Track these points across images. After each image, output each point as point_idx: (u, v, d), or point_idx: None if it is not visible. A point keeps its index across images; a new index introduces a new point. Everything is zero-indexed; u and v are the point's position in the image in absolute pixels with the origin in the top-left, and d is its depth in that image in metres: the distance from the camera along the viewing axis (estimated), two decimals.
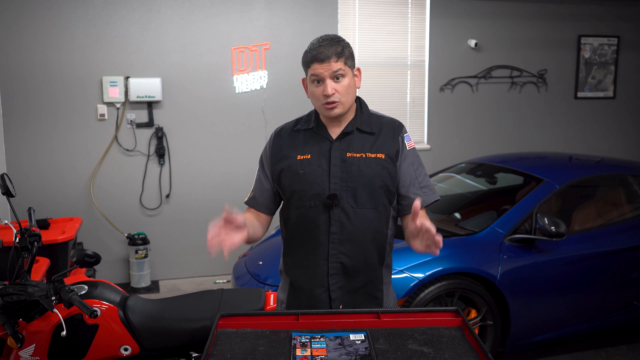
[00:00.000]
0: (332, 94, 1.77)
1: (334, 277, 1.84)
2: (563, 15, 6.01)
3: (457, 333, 1.62)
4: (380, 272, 1.89)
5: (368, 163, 1.82)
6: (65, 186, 4.83)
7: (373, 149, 1.84)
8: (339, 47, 1.79)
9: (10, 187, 2.15)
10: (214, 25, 4.99)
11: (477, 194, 4.36)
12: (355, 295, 1.86)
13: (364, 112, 1.90)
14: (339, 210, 1.81)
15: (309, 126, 1.90)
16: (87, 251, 2.04)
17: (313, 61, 1.78)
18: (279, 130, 1.97)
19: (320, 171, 1.83)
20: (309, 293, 1.87)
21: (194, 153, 5.08)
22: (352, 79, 1.83)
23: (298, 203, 1.85)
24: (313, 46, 1.80)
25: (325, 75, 1.77)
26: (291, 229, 1.90)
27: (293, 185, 1.86)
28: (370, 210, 1.83)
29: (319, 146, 1.86)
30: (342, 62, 1.78)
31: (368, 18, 5.48)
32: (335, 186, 1.82)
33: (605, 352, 3.73)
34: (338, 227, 1.82)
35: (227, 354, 1.50)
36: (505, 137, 6.03)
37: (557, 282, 3.41)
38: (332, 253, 1.83)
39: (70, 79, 4.73)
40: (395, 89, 5.69)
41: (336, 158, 1.83)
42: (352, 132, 1.86)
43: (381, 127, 1.89)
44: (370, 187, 1.82)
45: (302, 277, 1.88)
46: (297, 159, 1.86)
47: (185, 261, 5.18)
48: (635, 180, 3.92)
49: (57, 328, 2.09)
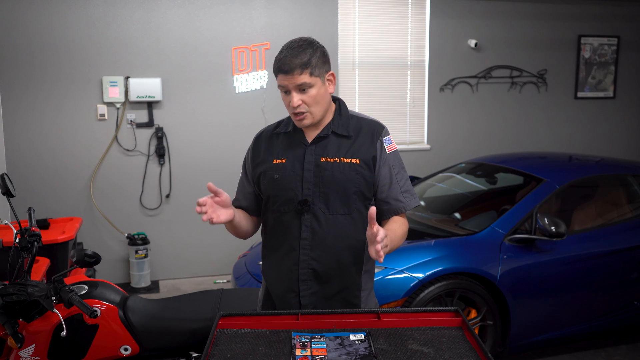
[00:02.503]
0: (297, 105, 1.73)
1: (305, 283, 1.81)
2: (563, 15, 6.01)
3: (457, 333, 1.62)
4: (358, 278, 1.84)
5: (342, 168, 1.78)
6: (65, 186, 4.83)
7: (348, 153, 1.80)
8: (304, 57, 1.71)
9: (10, 187, 2.15)
10: (214, 25, 4.99)
11: (477, 194, 4.35)
12: (331, 302, 1.83)
13: (342, 114, 1.85)
14: (310, 216, 1.79)
15: (287, 130, 1.87)
16: (87, 251, 2.04)
17: (278, 71, 1.73)
18: (259, 133, 1.95)
19: (294, 176, 1.80)
20: (281, 298, 1.85)
21: (194, 153, 5.08)
22: (321, 87, 1.76)
23: (273, 207, 1.84)
24: (280, 54, 1.74)
25: (291, 87, 1.73)
26: (268, 233, 1.89)
27: (268, 190, 1.84)
28: (343, 217, 1.79)
29: (294, 150, 1.83)
30: (307, 74, 1.71)
31: (368, 18, 5.48)
32: (308, 191, 1.79)
33: (605, 352, 3.73)
34: (309, 233, 1.79)
35: (227, 354, 1.49)
36: (505, 137, 6.03)
37: (557, 282, 3.41)
38: (303, 259, 1.80)
39: (70, 79, 4.73)
40: (395, 89, 5.69)
41: (310, 163, 1.80)
42: (328, 136, 1.81)
43: (360, 130, 1.83)
44: (344, 192, 1.78)
45: (275, 281, 1.87)
46: (273, 163, 1.84)
47: (185, 261, 5.18)
48: (635, 180, 3.92)
49: (57, 328, 2.09)
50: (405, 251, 3.27)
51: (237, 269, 3.82)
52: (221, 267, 5.16)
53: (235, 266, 3.89)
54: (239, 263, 3.88)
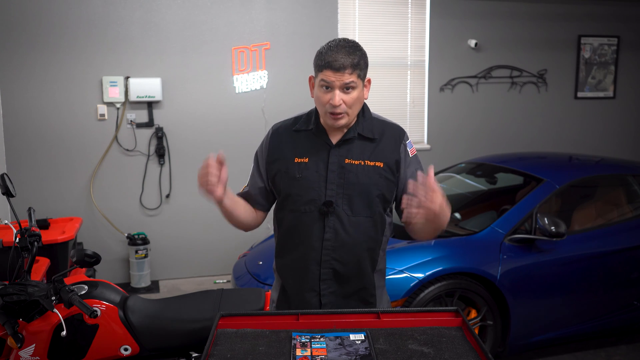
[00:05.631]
0: (339, 104, 1.71)
1: (326, 283, 1.82)
2: (563, 15, 6.01)
3: (457, 333, 1.62)
4: (373, 277, 1.87)
5: (366, 171, 1.79)
6: (65, 186, 4.83)
7: (372, 156, 1.80)
8: (355, 58, 1.70)
9: (10, 187, 2.15)
10: (214, 25, 4.99)
11: (477, 194, 4.36)
12: (348, 301, 1.84)
13: (366, 116, 1.85)
14: (334, 217, 1.79)
15: (308, 127, 1.85)
16: (87, 251, 2.04)
17: (327, 67, 1.69)
18: (276, 127, 1.92)
19: (317, 176, 1.80)
20: (300, 296, 1.85)
21: (194, 153, 5.07)
22: (361, 90, 1.76)
23: (293, 207, 1.83)
24: (330, 50, 1.70)
25: (336, 85, 1.70)
26: (284, 231, 1.88)
27: (288, 189, 1.82)
28: (366, 219, 1.80)
29: (317, 150, 1.81)
30: (355, 75, 1.70)
31: (368, 18, 5.48)
32: (332, 192, 1.79)
33: (605, 352, 3.73)
34: (332, 234, 1.79)
35: (227, 354, 1.49)
36: (505, 137, 6.03)
37: (557, 282, 3.41)
38: (325, 259, 1.81)
39: (70, 79, 4.73)
40: (395, 89, 5.69)
41: (334, 164, 1.79)
42: (353, 139, 1.81)
43: (383, 132, 1.84)
44: (367, 195, 1.79)
45: (293, 280, 1.87)
46: (294, 162, 1.82)
47: (185, 261, 5.17)
48: (635, 180, 3.92)
49: (57, 328, 2.09)
50: (405, 251, 3.27)
51: (237, 269, 3.82)
52: (221, 267, 5.16)
53: (235, 266, 3.89)
54: (239, 263, 3.88)
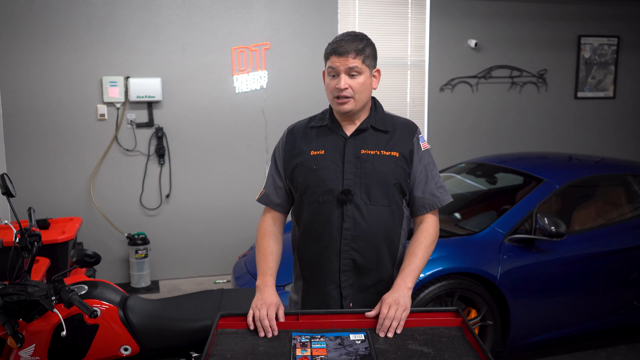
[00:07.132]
0: (344, 88, 1.78)
1: (345, 274, 1.84)
2: (563, 15, 6.01)
3: (457, 333, 1.62)
4: (392, 272, 1.87)
5: (382, 160, 1.83)
6: (65, 186, 4.83)
7: (388, 146, 1.85)
8: (360, 44, 1.79)
9: (10, 187, 2.15)
10: (214, 25, 4.99)
11: (477, 194, 4.35)
12: (365, 294, 1.85)
13: (378, 111, 1.92)
14: (352, 206, 1.81)
15: (323, 123, 1.91)
16: (87, 251, 2.04)
17: (332, 54, 1.80)
18: (291, 127, 1.98)
19: (334, 167, 1.83)
20: (322, 290, 1.86)
21: (194, 153, 5.08)
22: (368, 78, 1.83)
23: (311, 198, 1.85)
24: (336, 39, 1.82)
25: (341, 70, 1.78)
26: (304, 226, 1.90)
27: (307, 181, 1.86)
28: (384, 208, 1.83)
29: (333, 142, 1.87)
30: (359, 60, 1.78)
31: (368, 18, 5.48)
32: (349, 182, 1.82)
33: (605, 352, 3.73)
34: (351, 223, 1.81)
35: (227, 354, 1.50)
36: (505, 137, 6.03)
37: (557, 282, 3.41)
38: (344, 249, 1.82)
39: (70, 79, 4.73)
40: (395, 89, 5.69)
41: (350, 154, 1.83)
42: (367, 130, 1.86)
43: (395, 126, 1.89)
44: (384, 184, 1.82)
45: (315, 273, 1.88)
46: (310, 155, 1.86)
47: (185, 261, 5.18)
48: (635, 180, 3.92)
49: (57, 328, 2.09)
50: None
51: (237, 269, 3.82)
52: (221, 267, 5.16)
53: (235, 266, 3.89)
54: (239, 263, 3.88)
